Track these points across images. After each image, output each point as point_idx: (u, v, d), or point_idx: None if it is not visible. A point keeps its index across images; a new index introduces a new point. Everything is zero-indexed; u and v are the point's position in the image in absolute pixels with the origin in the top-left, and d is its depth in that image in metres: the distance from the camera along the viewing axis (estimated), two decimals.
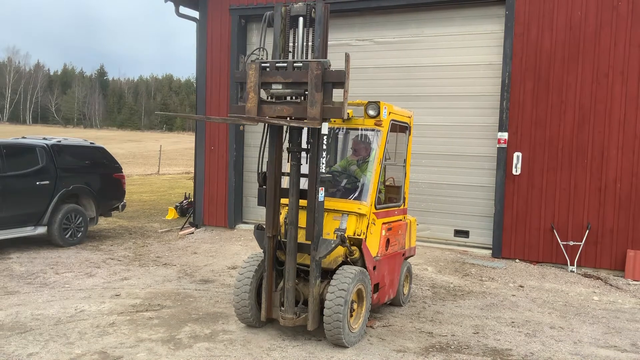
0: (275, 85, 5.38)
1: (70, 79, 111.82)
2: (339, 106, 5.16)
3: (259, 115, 5.38)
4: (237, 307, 5.81)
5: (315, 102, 5.14)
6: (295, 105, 5.34)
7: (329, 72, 5.19)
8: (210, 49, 12.28)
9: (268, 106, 5.43)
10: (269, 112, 5.41)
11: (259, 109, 5.39)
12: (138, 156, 40.88)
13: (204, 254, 9.97)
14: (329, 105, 5.19)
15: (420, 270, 8.95)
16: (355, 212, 5.93)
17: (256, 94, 5.37)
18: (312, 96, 5.15)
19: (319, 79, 5.14)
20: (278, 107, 5.39)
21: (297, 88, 5.33)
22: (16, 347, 5.25)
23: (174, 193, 20.08)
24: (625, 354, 5.73)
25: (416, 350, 5.56)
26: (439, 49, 10.56)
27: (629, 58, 9.11)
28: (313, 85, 5.14)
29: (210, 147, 12.33)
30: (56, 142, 10.40)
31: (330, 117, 5.23)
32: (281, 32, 5.59)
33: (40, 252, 9.55)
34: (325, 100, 5.20)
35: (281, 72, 5.34)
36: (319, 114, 5.15)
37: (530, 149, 9.73)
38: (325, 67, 5.18)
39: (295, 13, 5.55)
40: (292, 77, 5.29)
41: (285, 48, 5.62)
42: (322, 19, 5.41)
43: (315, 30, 5.44)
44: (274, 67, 5.38)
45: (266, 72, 5.41)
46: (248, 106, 5.39)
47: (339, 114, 5.15)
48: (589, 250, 9.37)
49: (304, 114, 5.24)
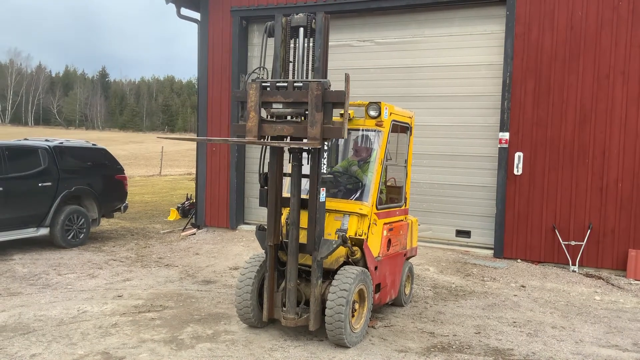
0: (276, 104, 5.44)
1: (72, 81, 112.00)
2: (339, 126, 5.20)
3: (260, 134, 5.43)
4: (239, 307, 5.83)
5: (316, 122, 5.19)
6: (295, 125, 5.38)
7: (329, 93, 5.23)
8: (212, 50, 12.31)
9: (269, 125, 5.47)
10: (269, 131, 5.45)
11: (260, 128, 5.43)
12: (140, 157, 40.93)
13: (206, 254, 9.99)
14: (329, 125, 5.23)
15: (422, 271, 8.95)
16: (357, 213, 5.94)
17: (257, 113, 5.42)
18: (312, 116, 5.20)
19: (319, 99, 5.18)
20: (278, 126, 5.43)
21: (297, 108, 5.37)
22: (19, 348, 5.27)
23: (175, 194, 20.11)
24: (627, 353, 5.73)
25: (418, 350, 5.57)
26: (440, 49, 10.57)
27: (630, 58, 9.12)
28: (313, 106, 5.18)
29: (212, 148, 12.35)
30: (58, 143, 10.42)
31: (331, 137, 5.27)
32: (282, 42, 5.62)
33: (42, 253, 9.58)
34: (325, 120, 5.24)
35: (281, 91, 5.39)
36: (319, 134, 5.19)
37: (531, 149, 9.73)
38: (325, 88, 5.22)
39: (295, 24, 5.59)
40: (292, 96, 5.34)
41: (285, 58, 5.65)
42: (323, 29, 5.45)
43: (316, 41, 5.48)
44: (274, 87, 5.43)
45: (267, 91, 5.45)
46: (249, 125, 5.44)
47: (339, 134, 5.20)
48: (590, 250, 9.37)
49: (304, 134, 5.29)
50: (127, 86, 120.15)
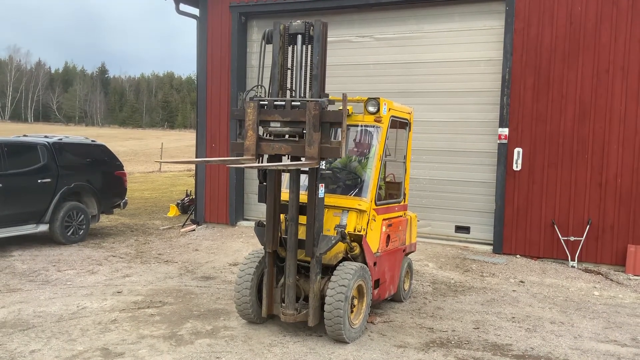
0: (274, 123, 5.46)
1: (72, 77, 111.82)
2: (337, 146, 5.21)
3: (258, 152, 5.47)
4: (238, 303, 5.84)
5: (313, 142, 5.21)
6: (293, 144, 5.40)
7: (326, 112, 5.24)
8: (211, 46, 12.29)
9: (266, 144, 5.49)
10: (267, 149, 5.48)
11: (258, 146, 5.47)
12: (140, 154, 40.92)
13: (205, 250, 9.99)
14: (327, 145, 5.24)
15: (421, 266, 8.96)
16: (356, 209, 5.94)
17: (255, 132, 5.45)
18: (310, 136, 5.22)
19: (316, 119, 5.19)
20: (276, 144, 5.45)
21: (295, 127, 5.39)
22: (19, 344, 5.28)
23: (175, 190, 20.12)
24: (626, 348, 5.74)
25: (417, 345, 5.58)
26: (439, 44, 10.55)
27: (630, 53, 9.11)
28: (311, 125, 5.20)
29: (212, 144, 12.34)
30: (57, 140, 10.42)
31: (329, 156, 5.30)
32: (280, 49, 5.62)
33: (42, 249, 9.59)
34: (323, 139, 5.25)
35: (279, 110, 5.41)
36: (317, 153, 5.21)
37: (530, 144, 9.73)
38: (322, 107, 5.23)
39: (293, 31, 5.59)
40: (290, 115, 5.36)
41: (284, 65, 5.65)
42: (321, 37, 5.46)
43: (314, 48, 5.48)
44: (272, 106, 5.45)
45: (264, 110, 5.47)
46: (247, 144, 5.47)
47: (337, 154, 5.21)
48: (589, 246, 9.38)
49: (302, 153, 5.32)
50: (127, 82, 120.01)
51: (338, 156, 5.22)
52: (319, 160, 5.24)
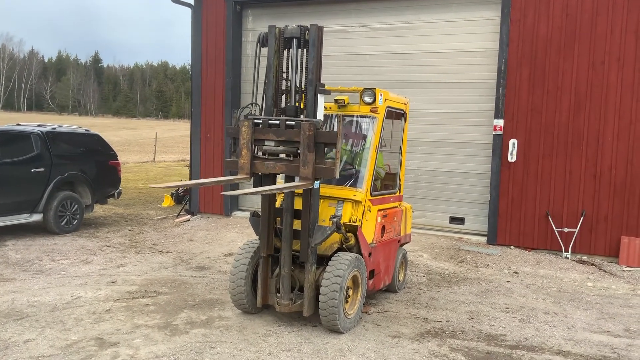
0: (268, 142, 5.44)
1: (65, 66, 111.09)
2: (331, 166, 5.20)
3: (252, 171, 5.46)
4: (233, 293, 5.84)
5: (308, 163, 5.20)
6: (287, 163, 5.39)
7: (321, 133, 5.23)
8: (206, 35, 12.21)
9: (261, 162, 5.47)
10: (261, 168, 5.47)
11: (252, 165, 5.46)
12: (134, 144, 40.76)
13: (200, 241, 9.98)
14: (321, 165, 5.23)
15: (416, 257, 8.98)
16: (351, 199, 5.94)
17: (249, 151, 5.43)
18: (304, 156, 5.21)
19: (311, 139, 5.18)
20: (271, 163, 5.44)
21: (289, 146, 5.38)
22: (12, 333, 5.26)
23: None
24: (619, 339, 5.78)
25: (411, 335, 5.60)
26: (436, 35, 10.51)
27: (625, 44, 9.10)
28: (305, 146, 5.19)
29: (206, 134, 12.30)
30: (51, 129, 10.35)
31: (323, 177, 5.29)
32: (275, 52, 5.59)
33: (36, 239, 9.55)
34: (317, 160, 5.24)
35: (274, 129, 5.39)
36: (311, 173, 5.21)
37: (525, 136, 9.73)
38: (317, 128, 5.22)
39: (289, 35, 5.57)
40: (284, 135, 5.35)
41: (279, 68, 5.62)
42: (316, 41, 5.43)
43: (309, 53, 5.47)
44: (266, 124, 5.43)
45: (259, 129, 5.45)
46: (241, 162, 5.46)
47: (331, 174, 5.21)
48: (583, 237, 9.42)
49: (296, 172, 5.31)
50: (121, 72, 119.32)
51: (332, 177, 5.23)
52: (313, 180, 5.26)
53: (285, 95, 5.72)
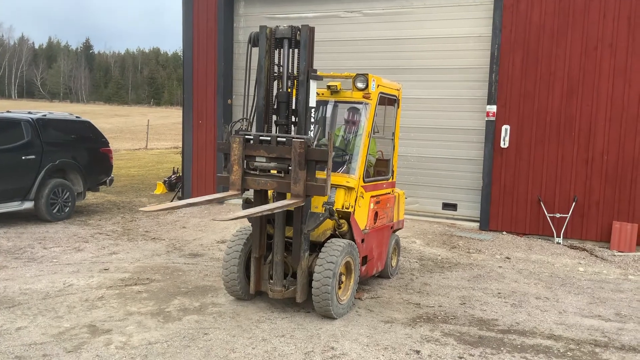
0: (259, 158, 5.42)
1: (56, 53, 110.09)
2: (322, 184, 5.19)
3: (243, 187, 5.45)
4: (226, 280, 5.83)
5: (299, 180, 5.18)
6: (278, 180, 5.37)
7: (312, 151, 5.20)
8: (197, 20, 12.10)
9: (252, 179, 5.45)
10: (252, 184, 5.45)
11: (243, 181, 5.44)
12: (125, 131, 40.55)
13: (193, 228, 9.96)
14: (313, 183, 5.21)
15: (409, 243, 9.01)
16: (344, 186, 5.93)
17: (240, 167, 5.41)
18: (295, 174, 5.18)
19: (302, 157, 5.15)
20: (262, 180, 5.41)
21: (281, 163, 5.35)
22: (4, 321, 5.25)
23: (162, 168, 19.98)
24: (609, 323, 5.83)
25: (404, 321, 5.63)
26: (428, 20, 10.47)
27: (618, 30, 9.10)
28: (296, 163, 5.16)
29: (198, 121, 12.23)
30: (41, 116, 10.25)
31: (314, 194, 5.27)
32: (266, 52, 5.55)
33: (27, 227, 9.50)
34: (308, 177, 5.22)
35: (265, 146, 5.36)
36: (302, 191, 5.19)
37: (518, 121, 9.74)
38: (308, 145, 5.19)
39: (280, 35, 5.52)
40: (275, 152, 5.32)
41: (270, 69, 5.57)
42: (307, 42, 5.39)
43: (301, 54, 5.43)
44: (257, 140, 5.40)
45: (250, 145, 5.42)
46: (232, 178, 5.44)
47: (322, 192, 5.19)
48: (575, 222, 9.47)
49: (287, 189, 5.29)
50: (112, 58, 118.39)
51: (323, 194, 5.22)
52: (304, 198, 5.24)
53: (277, 81, 5.68)
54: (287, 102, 5.60)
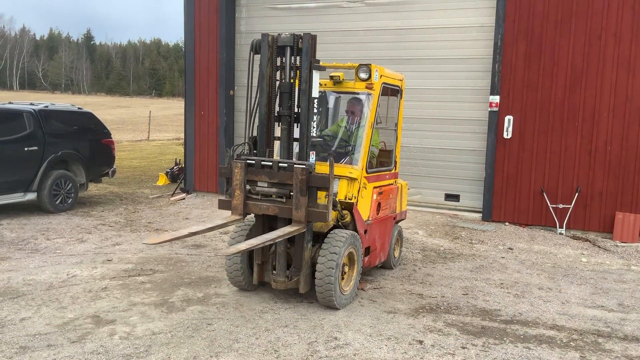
0: (261, 183, 5.44)
1: (57, 44, 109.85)
2: (323, 210, 5.21)
3: (245, 211, 5.48)
4: (229, 271, 5.85)
5: (300, 206, 5.20)
6: (280, 204, 5.37)
7: (313, 177, 5.21)
8: (199, 11, 12.05)
9: (254, 203, 5.46)
10: (254, 209, 5.47)
11: (245, 206, 5.46)
12: (127, 122, 40.52)
13: (196, 219, 9.97)
14: (314, 209, 5.23)
15: (411, 234, 9.01)
16: (347, 176, 5.92)
17: (242, 192, 5.43)
18: (297, 200, 5.20)
19: (303, 183, 5.16)
20: (264, 204, 5.42)
21: (282, 188, 5.36)
22: (9, 312, 5.27)
23: (164, 159, 19.99)
24: (612, 313, 5.84)
25: (406, 311, 5.64)
26: (431, 10, 10.41)
27: (622, 20, 9.03)
28: (298, 190, 5.17)
29: (200, 112, 12.21)
30: (43, 107, 10.25)
31: (315, 220, 5.29)
32: (268, 60, 5.53)
33: (30, 218, 9.52)
34: (310, 203, 5.23)
35: (266, 171, 5.37)
36: (303, 217, 5.20)
37: (521, 112, 9.70)
38: (309, 172, 5.20)
39: (282, 43, 5.50)
40: (277, 177, 5.33)
41: (272, 76, 5.55)
42: (309, 50, 5.37)
43: (303, 62, 5.41)
44: (259, 165, 5.41)
45: (251, 169, 5.43)
46: (234, 203, 5.47)
47: (324, 218, 5.21)
48: (578, 213, 9.45)
49: (289, 214, 5.30)
50: (113, 49, 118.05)
51: (325, 220, 5.23)
52: (306, 224, 5.26)
53: (280, 71, 5.65)
54: (289, 92, 5.58)
